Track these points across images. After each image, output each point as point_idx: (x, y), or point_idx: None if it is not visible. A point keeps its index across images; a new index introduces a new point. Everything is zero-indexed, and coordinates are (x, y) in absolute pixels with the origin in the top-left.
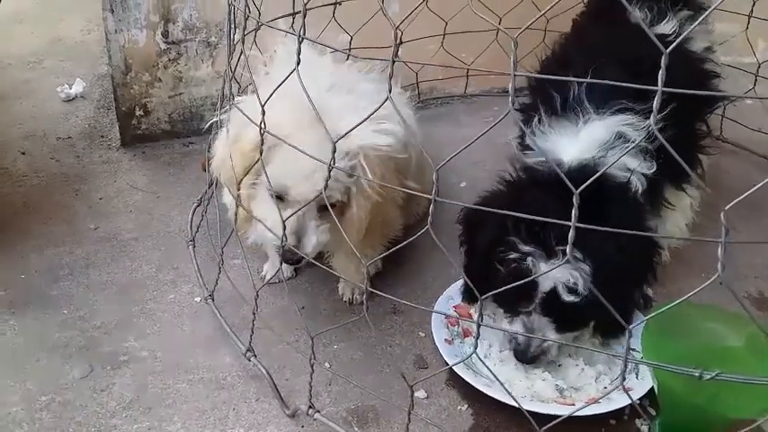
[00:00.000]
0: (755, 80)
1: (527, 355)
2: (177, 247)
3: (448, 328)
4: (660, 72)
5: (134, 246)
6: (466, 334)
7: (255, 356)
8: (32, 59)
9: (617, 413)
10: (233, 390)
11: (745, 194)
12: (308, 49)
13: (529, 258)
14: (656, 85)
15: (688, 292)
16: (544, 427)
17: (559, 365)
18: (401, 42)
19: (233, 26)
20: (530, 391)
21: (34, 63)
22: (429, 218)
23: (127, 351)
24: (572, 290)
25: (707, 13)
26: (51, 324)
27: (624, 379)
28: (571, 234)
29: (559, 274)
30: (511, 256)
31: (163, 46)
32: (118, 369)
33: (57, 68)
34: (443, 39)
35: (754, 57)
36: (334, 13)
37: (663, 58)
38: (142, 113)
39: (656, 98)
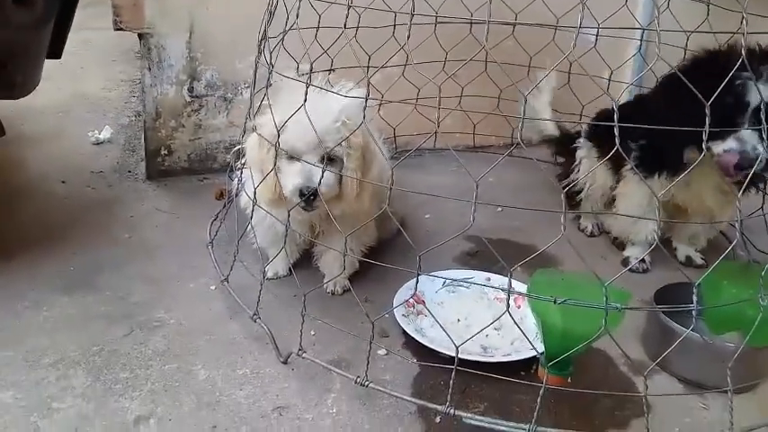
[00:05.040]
0: None
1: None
2: (195, 253)
3: (405, 308)
4: None
5: (160, 251)
6: (419, 314)
7: (260, 318)
8: (61, 110)
9: (527, 364)
10: (241, 345)
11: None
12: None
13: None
14: None
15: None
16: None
17: (487, 336)
18: (382, 103)
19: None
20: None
21: (62, 113)
22: (386, 203)
23: (158, 319)
24: None
25: None
26: (98, 301)
27: (509, 306)
28: None
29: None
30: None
31: (188, 99)
32: (152, 331)
33: (83, 118)
34: (416, 102)
35: None
36: (328, 78)
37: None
38: (166, 153)
39: None
